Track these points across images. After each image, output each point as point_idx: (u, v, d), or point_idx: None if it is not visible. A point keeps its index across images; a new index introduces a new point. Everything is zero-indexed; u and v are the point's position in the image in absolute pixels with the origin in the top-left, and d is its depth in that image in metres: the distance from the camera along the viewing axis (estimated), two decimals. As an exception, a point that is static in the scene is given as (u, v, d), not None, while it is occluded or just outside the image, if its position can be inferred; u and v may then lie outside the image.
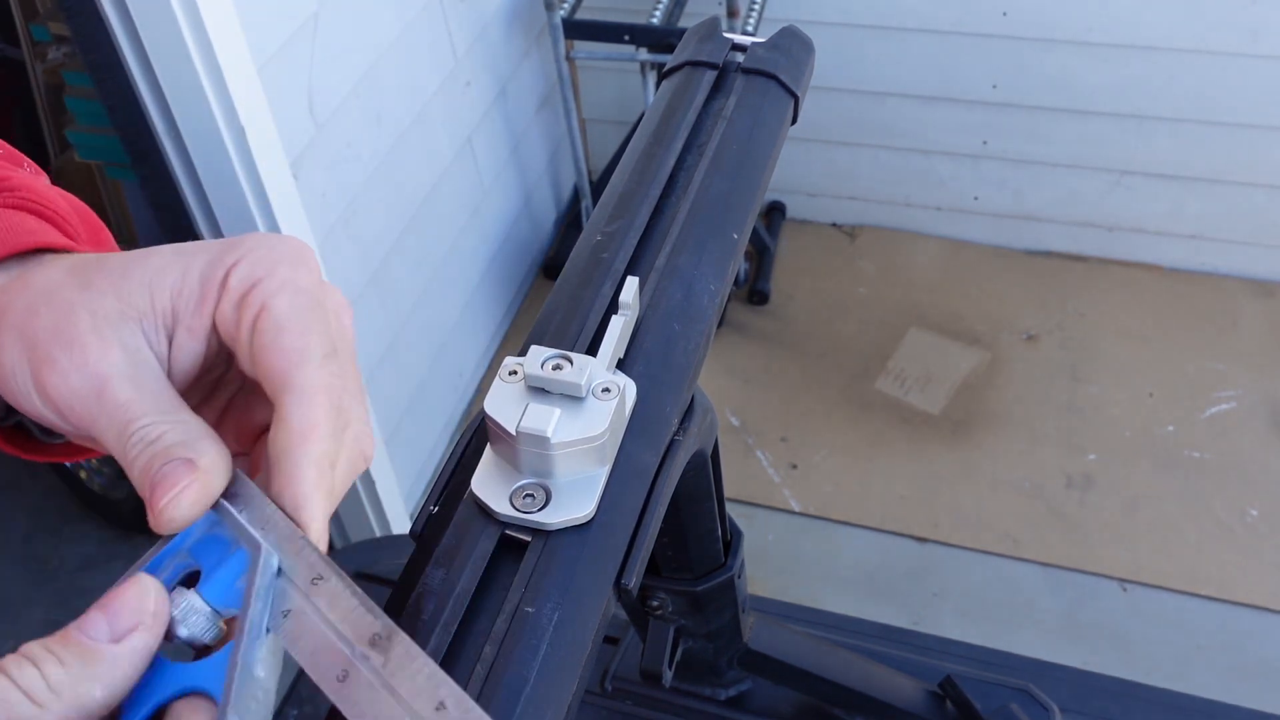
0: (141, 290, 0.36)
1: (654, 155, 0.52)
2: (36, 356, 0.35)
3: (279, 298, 0.35)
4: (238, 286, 0.36)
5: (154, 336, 0.36)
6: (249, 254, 0.36)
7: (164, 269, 0.36)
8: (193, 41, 1.37)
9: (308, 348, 0.35)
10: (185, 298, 0.36)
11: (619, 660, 0.88)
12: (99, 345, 0.34)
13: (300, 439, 0.34)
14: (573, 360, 0.40)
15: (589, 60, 2.54)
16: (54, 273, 0.37)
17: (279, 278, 0.36)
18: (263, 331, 0.35)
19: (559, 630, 0.35)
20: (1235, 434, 2.26)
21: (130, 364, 0.35)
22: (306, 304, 0.36)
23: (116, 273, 0.36)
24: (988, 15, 2.33)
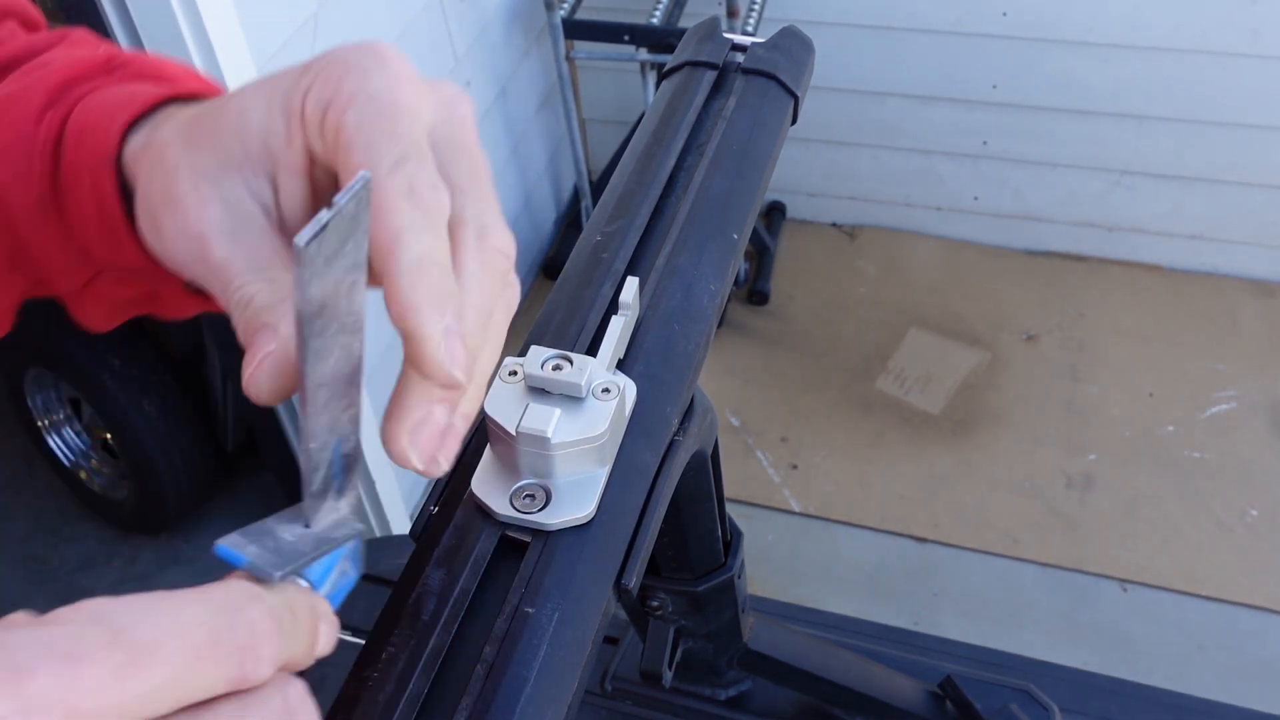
0: (234, 138, 0.34)
1: (654, 155, 0.52)
2: (153, 222, 0.35)
3: (347, 114, 0.32)
4: (314, 114, 0.33)
5: (256, 184, 0.34)
6: (319, 74, 0.33)
7: (248, 110, 0.34)
8: (193, 42, 1.38)
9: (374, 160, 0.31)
10: (274, 136, 0.34)
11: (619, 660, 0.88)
12: (196, 203, 0.33)
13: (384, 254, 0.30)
14: (573, 360, 0.40)
15: (589, 60, 2.54)
16: (167, 131, 0.36)
17: (346, 92, 0.32)
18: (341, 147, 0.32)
19: (559, 630, 0.35)
20: (1235, 434, 2.26)
21: (230, 218, 0.33)
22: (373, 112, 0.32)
23: (212, 124, 0.35)
24: (988, 15, 2.33)
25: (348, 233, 0.26)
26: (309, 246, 0.24)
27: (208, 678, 0.23)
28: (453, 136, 0.34)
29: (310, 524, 0.30)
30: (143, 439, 2.00)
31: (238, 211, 0.34)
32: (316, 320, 0.26)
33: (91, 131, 0.38)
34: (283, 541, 0.29)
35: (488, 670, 0.34)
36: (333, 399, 0.29)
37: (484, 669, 0.34)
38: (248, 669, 0.24)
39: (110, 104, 0.38)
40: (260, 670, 0.25)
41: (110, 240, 0.39)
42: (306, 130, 0.33)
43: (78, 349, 2.00)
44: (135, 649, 0.22)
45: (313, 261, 0.25)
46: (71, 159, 0.38)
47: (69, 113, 0.39)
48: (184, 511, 2.16)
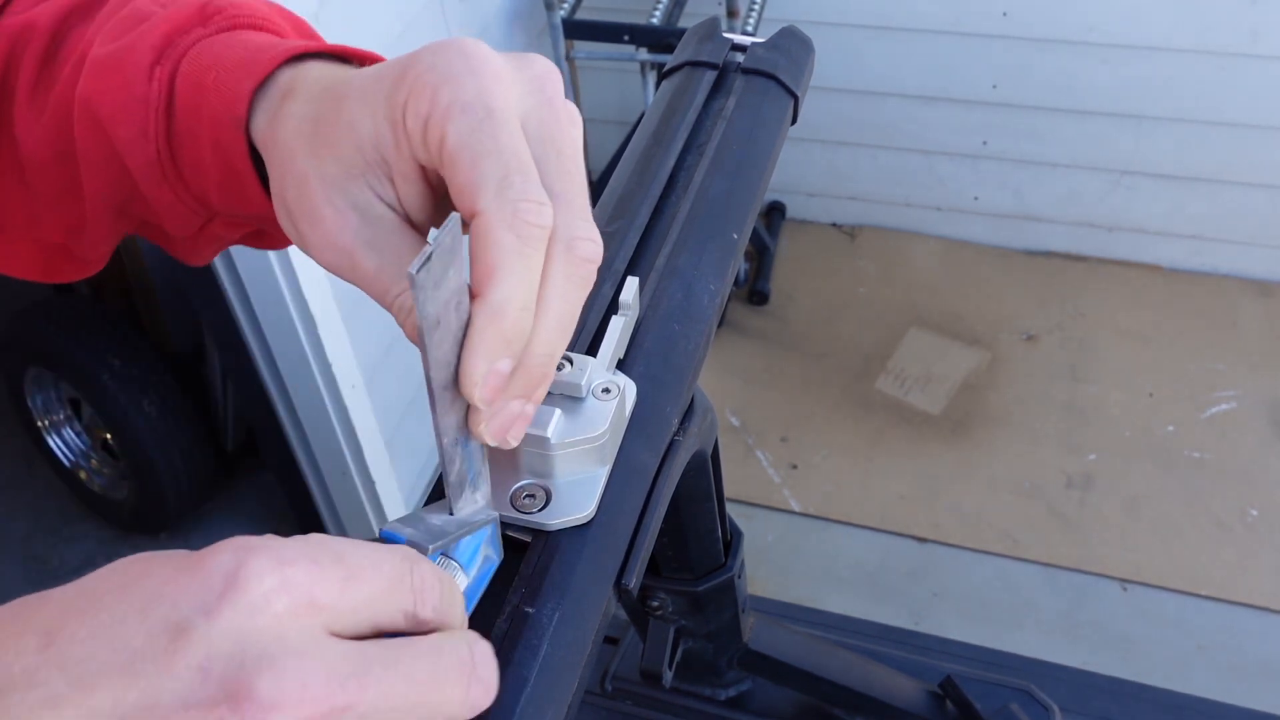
0: (351, 148, 0.36)
1: (654, 155, 0.52)
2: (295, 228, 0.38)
3: (447, 129, 0.33)
4: (415, 127, 0.34)
5: (380, 187, 0.36)
6: (414, 84, 0.34)
7: (357, 122, 0.36)
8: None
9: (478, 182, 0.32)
10: (384, 144, 0.35)
11: (619, 660, 0.88)
12: (335, 216, 0.36)
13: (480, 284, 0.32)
14: (573, 360, 0.40)
15: (589, 60, 2.54)
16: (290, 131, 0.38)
17: (442, 104, 0.33)
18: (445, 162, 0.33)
19: (559, 630, 0.35)
20: (1235, 434, 2.26)
21: (368, 226, 0.36)
22: (472, 126, 0.33)
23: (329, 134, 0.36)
24: (988, 15, 2.33)
25: (448, 262, 0.30)
26: (419, 274, 0.28)
27: (393, 607, 0.29)
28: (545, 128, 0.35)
29: (453, 512, 0.34)
30: (143, 439, 2.00)
31: (372, 217, 0.36)
32: (435, 333, 0.30)
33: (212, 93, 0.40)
34: (432, 525, 0.34)
35: (488, 670, 0.34)
36: (456, 401, 0.33)
37: (484, 669, 0.34)
38: (419, 609, 0.30)
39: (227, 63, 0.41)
40: (425, 614, 0.30)
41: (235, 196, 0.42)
42: (410, 142, 0.35)
43: (78, 349, 2.00)
44: (352, 569, 0.28)
45: (424, 286, 0.29)
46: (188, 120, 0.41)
47: (176, 67, 0.42)
48: (184, 511, 2.16)
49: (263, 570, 0.27)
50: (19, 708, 0.25)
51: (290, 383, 1.79)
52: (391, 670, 0.28)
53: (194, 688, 0.25)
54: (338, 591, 0.28)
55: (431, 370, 0.31)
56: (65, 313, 2.08)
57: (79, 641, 0.26)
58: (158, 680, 0.25)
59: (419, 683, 0.28)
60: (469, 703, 0.30)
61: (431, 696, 0.28)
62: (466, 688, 0.29)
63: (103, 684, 0.25)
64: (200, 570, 0.27)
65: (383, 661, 0.28)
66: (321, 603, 0.27)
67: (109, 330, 2.04)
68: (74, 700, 0.25)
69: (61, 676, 0.25)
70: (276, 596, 0.27)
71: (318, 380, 1.77)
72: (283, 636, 0.26)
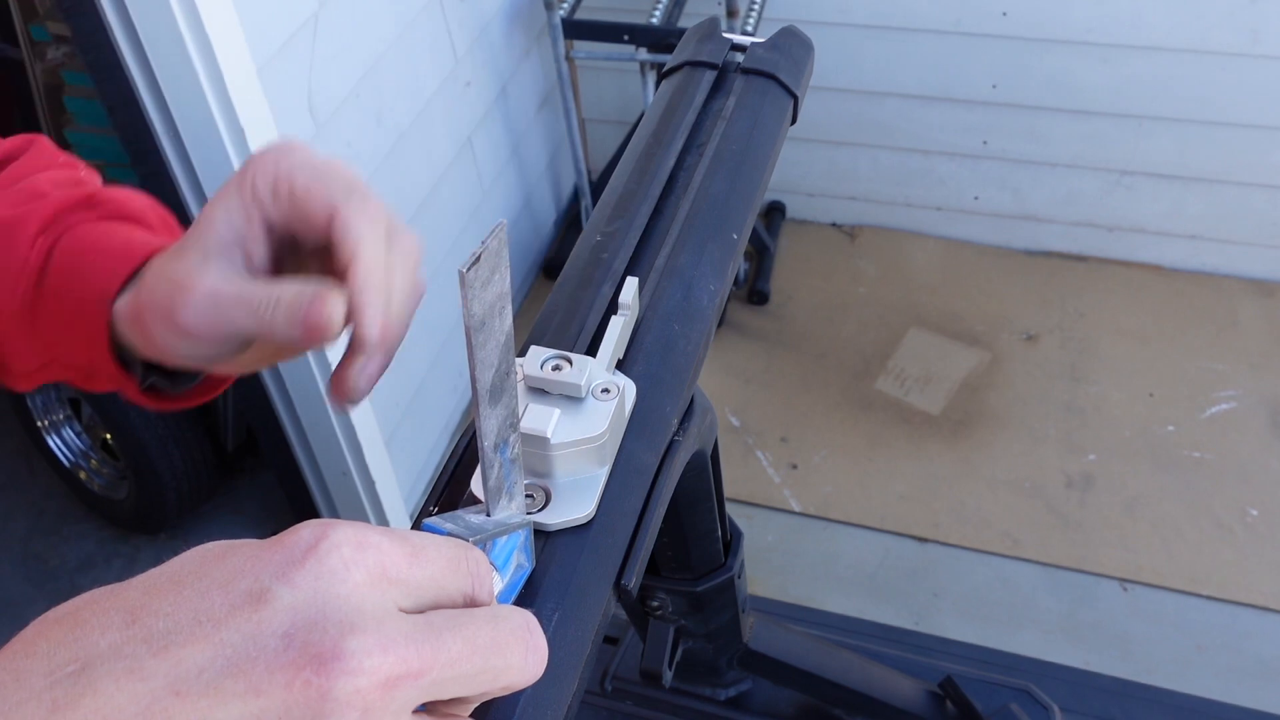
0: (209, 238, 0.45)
1: (654, 155, 0.52)
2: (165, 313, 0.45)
3: (295, 177, 0.45)
4: (265, 190, 0.45)
5: (233, 258, 0.46)
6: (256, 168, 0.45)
7: (212, 218, 0.46)
8: (192, 42, 1.37)
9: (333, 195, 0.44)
10: (237, 223, 0.45)
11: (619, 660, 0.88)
12: (199, 278, 0.45)
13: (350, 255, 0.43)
14: (572, 361, 0.40)
15: (589, 60, 2.54)
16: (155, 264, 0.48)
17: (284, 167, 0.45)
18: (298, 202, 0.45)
19: (559, 630, 0.35)
20: (1235, 434, 2.26)
21: (227, 276, 0.45)
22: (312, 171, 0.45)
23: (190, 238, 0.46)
24: (988, 15, 2.33)
25: (495, 265, 0.31)
26: (469, 272, 0.30)
27: (453, 587, 0.32)
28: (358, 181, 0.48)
29: (490, 514, 0.36)
30: (143, 439, 2.00)
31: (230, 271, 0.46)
32: (480, 334, 0.32)
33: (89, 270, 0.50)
34: (470, 523, 0.35)
35: (487, 670, 0.34)
36: (497, 404, 0.34)
37: (484, 669, 0.34)
38: (476, 590, 0.32)
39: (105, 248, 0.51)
40: (482, 594, 0.32)
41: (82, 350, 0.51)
42: (261, 206, 0.45)
43: (78, 349, 2.00)
44: (416, 548, 0.31)
45: (472, 285, 0.30)
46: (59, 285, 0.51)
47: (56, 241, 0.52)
48: (184, 511, 2.16)
49: (341, 541, 0.29)
50: (105, 679, 0.26)
51: (290, 383, 1.79)
52: (459, 635, 0.30)
53: (279, 652, 0.27)
54: (407, 567, 0.30)
55: (477, 370, 0.32)
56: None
57: (163, 615, 0.27)
58: (243, 646, 0.27)
59: (483, 648, 0.30)
60: (527, 669, 0.31)
61: (495, 661, 0.30)
62: (525, 654, 0.31)
63: (189, 652, 0.26)
64: (280, 545, 0.29)
65: (450, 628, 0.30)
66: (393, 575, 0.30)
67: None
68: (159, 669, 0.26)
69: (146, 648, 0.26)
70: (355, 566, 0.29)
71: (318, 380, 1.77)
72: (360, 605, 0.28)
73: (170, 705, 0.26)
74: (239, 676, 0.26)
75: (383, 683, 0.27)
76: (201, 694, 0.26)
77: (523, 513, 0.37)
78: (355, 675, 0.27)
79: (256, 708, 0.26)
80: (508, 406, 0.34)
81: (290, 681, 0.26)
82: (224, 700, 0.26)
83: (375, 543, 0.29)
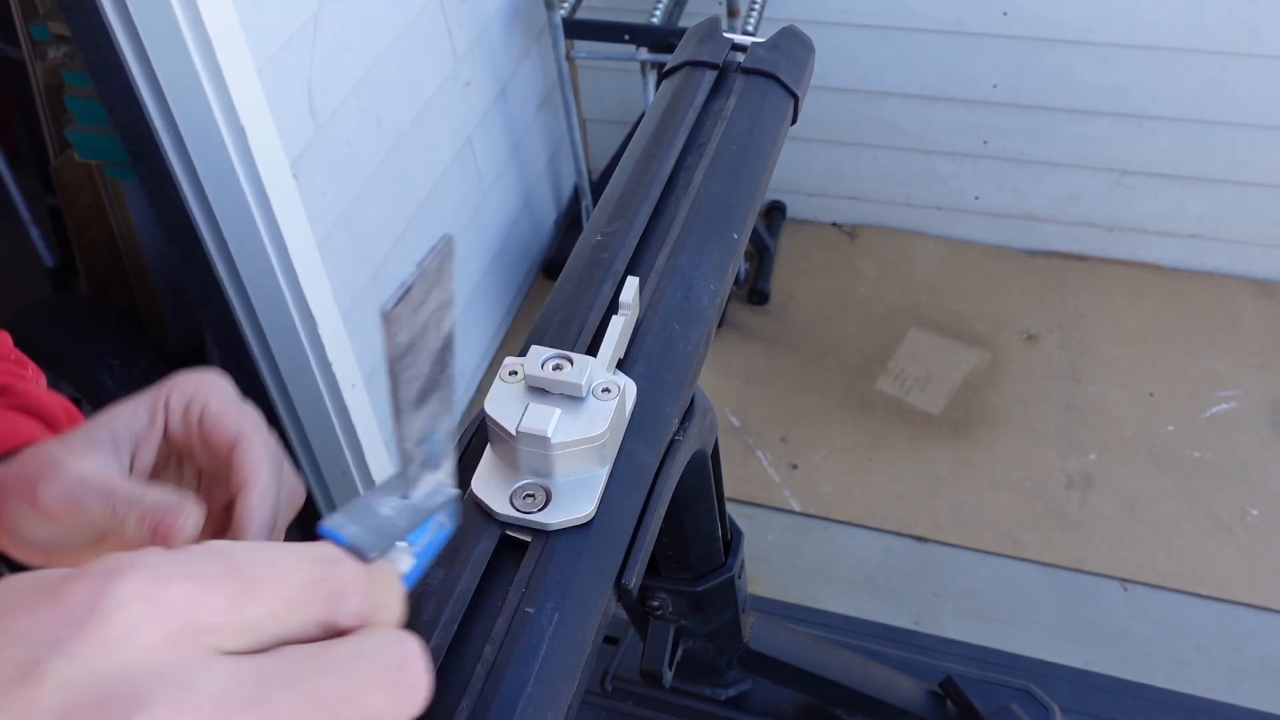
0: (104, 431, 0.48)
1: (654, 155, 0.52)
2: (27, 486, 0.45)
3: (211, 401, 0.48)
4: (178, 407, 0.48)
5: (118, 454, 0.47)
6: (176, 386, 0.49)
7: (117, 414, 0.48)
8: (193, 41, 1.37)
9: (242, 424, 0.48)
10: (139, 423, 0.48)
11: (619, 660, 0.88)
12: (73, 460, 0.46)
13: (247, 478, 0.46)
14: (573, 360, 0.40)
15: (589, 60, 2.54)
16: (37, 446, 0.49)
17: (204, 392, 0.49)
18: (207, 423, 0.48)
19: (559, 630, 0.35)
20: (1235, 434, 2.26)
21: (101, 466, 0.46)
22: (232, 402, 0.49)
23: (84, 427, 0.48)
24: (988, 15, 2.33)
25: (433, 283, 0.29)
26: (394, 310, 0.28)
27: (303, 618, 0.27)
28: None
29: (408, 494, 0.32)
30: (143, 439, 2.00)
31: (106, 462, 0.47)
32: (404, 359, 0.30)
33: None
34: (380, 518, 0.31)
35: (488, 670, 0.34)
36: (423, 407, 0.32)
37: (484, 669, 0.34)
38: (337, 617, 0.27)
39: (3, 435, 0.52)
40: (345, 620, 0.27)
41: None
42: (169, 416, 0.48)
43: (78, 349, 2.00)
44: (249, 581, 0.26)
45: (397, 320, 0.28)
46: None
47: None
48: (184, 511, 2.16)
49: (127, 597, 0.24)
50: None
51: (290, 383, 1.79)
52: (295, 691, 0.25)
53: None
54: (227, 608, 0.25)
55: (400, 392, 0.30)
56: (65, 313, 2.08)
57: None
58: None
59: (331, 699, 0.25)
60: (396, 711, 0.26)
61: (348, 713, 0.25)
62: (391, 696, 0.26)
63: None
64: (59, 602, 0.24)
65: (285, 680, 0.25)
66: (205, 624, 0.24)
67: (109, 330, 2.04)
68: None
69: None
70: (145, 627, 0.24)
71: (318, 380, 1.77)
72: (157, 671, 0.23)
73: None
74: None
75: None
76: None
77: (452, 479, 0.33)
78: None
79: None
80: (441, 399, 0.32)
81: None
82: None
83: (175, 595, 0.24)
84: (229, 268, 1.64)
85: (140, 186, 1.64)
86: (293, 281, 1.64)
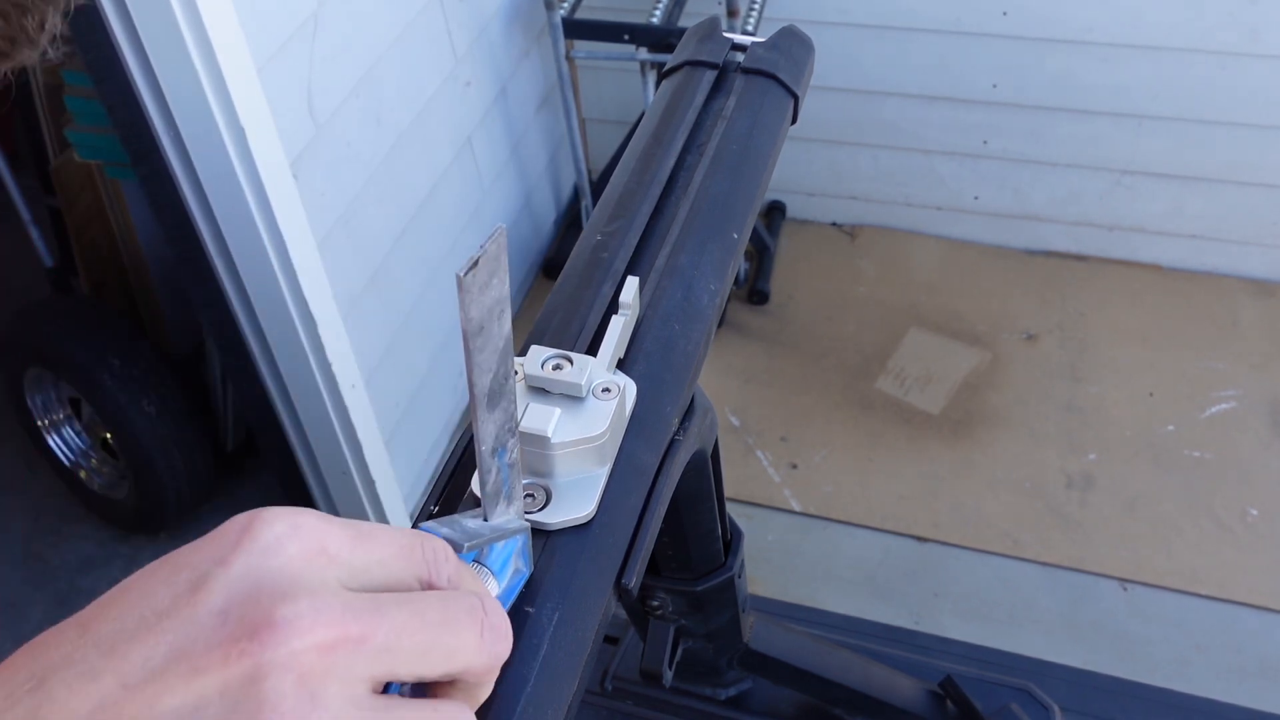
0: None
1: (654, 155, 0.52)
2: None
3: None
4: None
5: None
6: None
7: None
8: (193, 41, 1.37)
9: None
10: None
11: (619, 660, 0.88)
12: None
13: None
14: (573, 360, 0.40)
15: (589, 60, 2.54)
16: None
17: None
18: None
19: (559, 630, 0.35)
20: (1235, 434, 2.26)
21: None
22: None
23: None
24: (988, 15, 2.33)
25: (493, 269, 0.31)
26: (467, 276, 0.30)
27: (406, 572, 0.31)
28: None
29: (488, 519, 0.36)
30: (143, 439, 2.00)
31: None
32: (478, 338, 0.32)
33: None
34: (466, 527, 0.35)
35: (488, 670, 0.34)
36: (495, 409, 0.34)
37: (484, 669, 0.34)
38: (433, 578, 0.32)
39: None
40: (440, 583, 0.32)
41: None
42: None
43: (78, 349, 2.00)
44: (364, 531, 0.31)
45: (469, 289, 0.30)
46: None
47: None
48: (184, 511, 2.16)
49: (273, 518, 0.29)
50: (59, 687, 0.27)
51: (290, 383, 1.79)
52: (403, 608, 0.29)
53: (216, 629, 0.27)
54: (350, 546, 0.30)
55: (475, 375, 0.32)
56: (65, 313, 2.08)
57: (111, 620, 0.28)
58: (183, 630, 0.27)
59: (431, 622, 0.30)
60: (485, 648, 0.31)
61: (445, 637, 0.30)
62: (479, 632, 0.31)
63: (134, 647, 0.27)
64: (218, 534, 0.29)
65: (394, 603, 0.29)
66: (333, 552, 0.30)
67: (109, 330, 2.04)
68: (109, 667, 0.27)
69: (96, 651, 0.27)
70: (288, 540, 0.29)
71: (318, 380, 1.77)
72: (296, 576, 0.28)
73: (120, 699, 0.26)
74: (181, 660, 0.27)
75: (318, 646, 0.27)
76: (148, 683, 0.27)
77: (521, 517, 0.37)
78: (288, 640, 0.27)
79: (199, 687, 0.27)
80: (506, 411, 0.34)
81: (227, 655, 0.27)
82: (169, 685, 0.27)
83: (311, 523, 0.30)
84: (229, 268, 1.64)
85: (140, 186, 1.64)
86: (293, 282, 1.64)
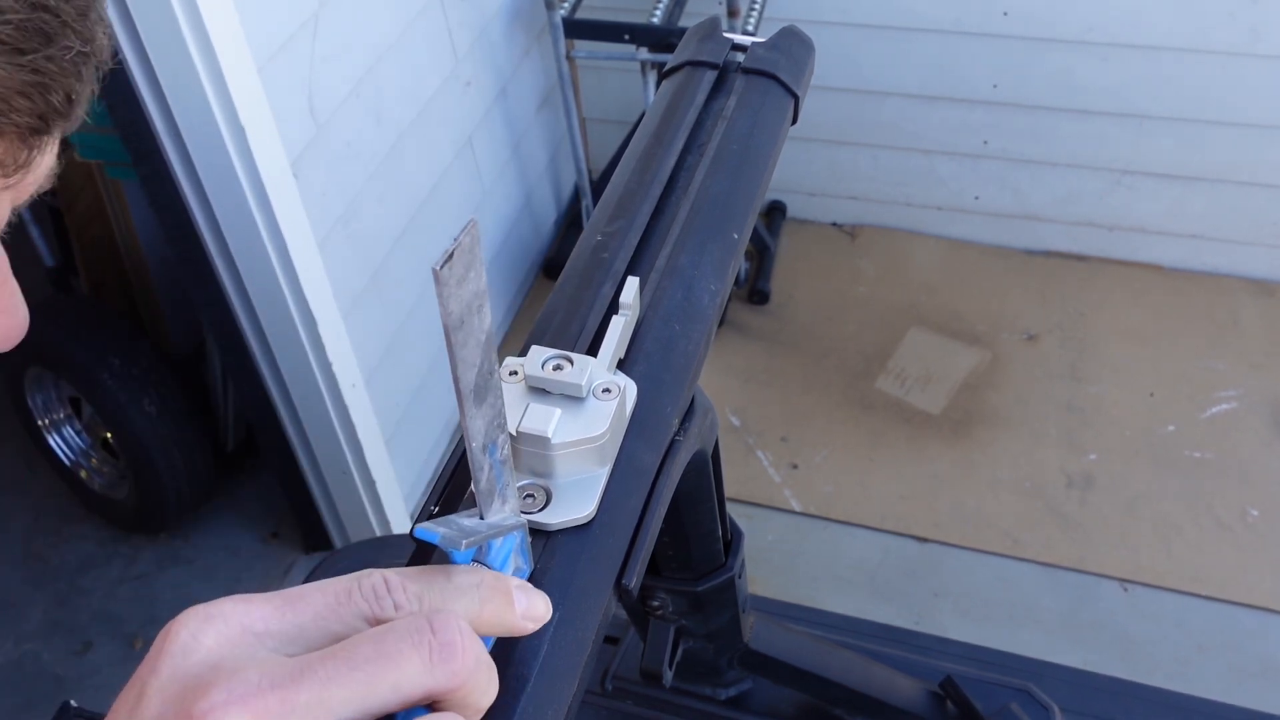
0: None
1: (654, 155, 0.52)
2: None
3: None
4: None
5: None
6: None
7: None
8: (193, 41, 1.37)
9: None
10: None
11: (619, 660, 0.88)
12: None
13: None
14: (573, 360, 0.40)
15: (589, 60, 2.54)
16: None
17: None
18: None
19: (559, 630, 0.35)
20: (1235, 434, 2.26)
21: None
22: None
23: None
24: (988, 15, 2.33)
25: (469, 262, 0.31)
26: (443, 269, 0.30)
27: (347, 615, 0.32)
28: None
29: (484, 516, 0.35)
30: (143, 439, 2.00)
31: None
32: (459, 332, 0.31)
33: None
34: (464, 526, 0.35)
35: (488, 670, 0.34)
36: (482, 404, 0.33)
37: (484, 669, 0.34)
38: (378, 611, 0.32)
39: None
40: (388, 614, 0.32)
41: None
42: None
43: (78, 349, 2.00)
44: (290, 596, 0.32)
45: (446, 282, 0.30)
46: None
47: None
48: (184, 511, 2.16)
49: (187, 618, 0.30)
50: None
51: (290, 383, 1.79)
52: (332, 658, 0.30)
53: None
54: (277, 615, 0.31)
55: (459, 371, 0.32)
56: (65, 313, 2.08)
57: None
58: None
59: (363, 661, 0.30)
60: (432, 669, 0.30)
61: (383, 672, 0.30)
62: (426, 654, 0.30)
63: None
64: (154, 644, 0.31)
65: (324, 655, 0.30)
66: (259, 629, 0.31)
67: (109, 330, 2.04)
68: None
69: None
70: (202, 634, 0.30)
71: (318, 380, 1.77)
72: (218, 664, 0.29)
73: None
74: None
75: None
76: None
77: (517, 514, 0.37)
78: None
79: None
80: (494, 407, 0.34)
81: None
82: None
83: (227, 609, 0.31)
84: (229, 268, 1.64)
85: (140, 186, 1.64)
86: (293, 281, 1.64)
